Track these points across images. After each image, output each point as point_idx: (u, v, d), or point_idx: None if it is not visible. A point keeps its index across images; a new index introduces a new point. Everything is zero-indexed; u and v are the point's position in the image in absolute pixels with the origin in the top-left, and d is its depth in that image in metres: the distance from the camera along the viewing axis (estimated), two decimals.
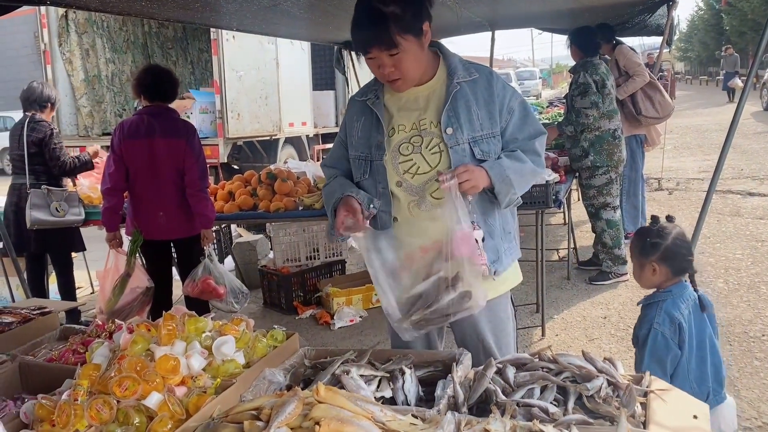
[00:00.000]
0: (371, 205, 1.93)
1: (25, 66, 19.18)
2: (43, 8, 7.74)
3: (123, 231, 3.99)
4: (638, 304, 2.38)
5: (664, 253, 2.25)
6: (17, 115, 4.82)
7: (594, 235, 5.25)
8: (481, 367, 1.67)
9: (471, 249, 1.81)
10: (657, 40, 5.92)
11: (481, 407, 1.57)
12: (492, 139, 1.93)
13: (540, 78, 37.68)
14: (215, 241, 6.00)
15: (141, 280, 3.76)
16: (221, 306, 3.84)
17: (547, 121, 7.45)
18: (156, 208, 3.78)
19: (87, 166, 4.64)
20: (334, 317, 4.66)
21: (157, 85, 3.78)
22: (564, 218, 6.59)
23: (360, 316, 4.70)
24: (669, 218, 2.34)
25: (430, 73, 1.97)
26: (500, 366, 1.68)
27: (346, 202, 1.91)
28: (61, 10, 8.11)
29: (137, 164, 3.73)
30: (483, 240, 1.91)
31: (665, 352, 2.18)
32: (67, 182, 4.77)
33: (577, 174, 5.07)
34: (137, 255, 3.83)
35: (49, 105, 4.60)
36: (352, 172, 2.04)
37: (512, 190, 1.91)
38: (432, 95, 1.96)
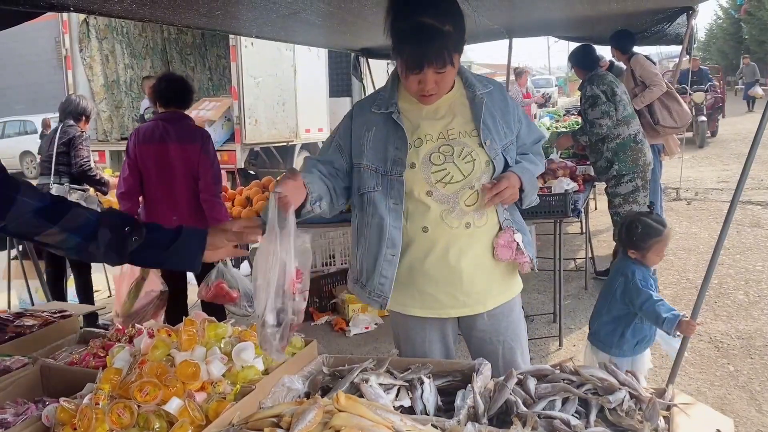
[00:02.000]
0: (317, 203, 1.88)
1: (46, 71, 19.48)
2: (65, 14, 7.86)
3: None
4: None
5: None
6: (37, 118, 4.99)
7: (614, 244, 5.20)
8: (502, 377, 1.66)
9: (512, 252, 1.97)
10: (675, 48, 5.87)
11: (502, 418, 1.57)
12: (512, 146, 2.03)
13: (556, 86, 37.49)
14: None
15: (155, 283, 3.78)
16: (235, 310, 3.87)
17: (564, 130, 7.41)
18: (170, 213, 3.80)
19: (102, 183, 4.68)
20: (350, 324, 4.66)
21: (171, 92, 3.83)
22: (581, 227, 6.55)
23: (375, 324, 4.70)
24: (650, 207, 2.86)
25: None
26: (521, 377, 1.67)
27: (294, 176, 1.79)
28: (82, 16, 8.23)
29: (151, 169, 3.77)
30: (522, 240, 2.00)
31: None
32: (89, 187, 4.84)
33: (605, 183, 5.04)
34: None
35: (84, 117, 4.72)
36: (357, 183, 1.99)
37: (535, 192, 2.06)
38: (454, 105, 1.99)
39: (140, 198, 3.91)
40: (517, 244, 1.97)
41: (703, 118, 13.55)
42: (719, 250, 2.48)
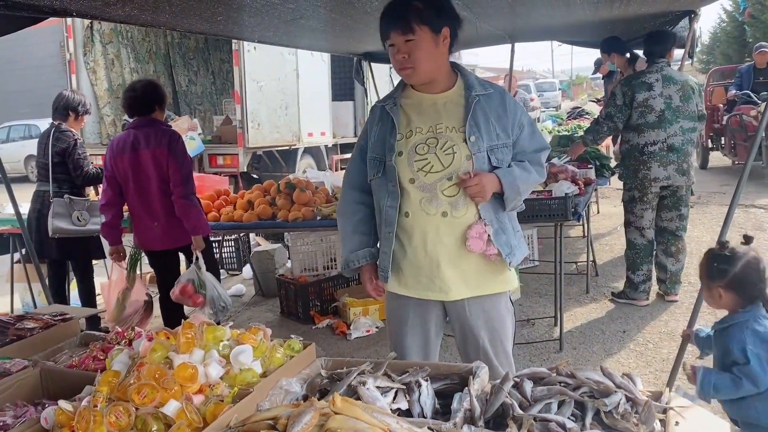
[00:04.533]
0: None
1: (51, 75, 19.55)
2: (69, 19, 7.90)
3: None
4: (712, 329, 2.33)
5: (731, 280, 2.16)
6: (42, 123, 4.91)
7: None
8: (498, 380, 1.67)
9: (484, 243, 2.09)
10: (677, 52, 5.86)
11: (498, 421, 1.57)
12: (505, 149, 2.15)
13: (560, 89, 37.49)
14: (232, 246, 6.08)
15: (140, 293, 3.79)
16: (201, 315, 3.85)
17: (566, 134, 7.42)
18: (150, 220, 3.82)
19: None
20: (351, 327, 4.66)
21: (136, 100, 3.84)
22: (583, 231, 6.54)
23: (376, 327, 4.70)
24: (746, 240, 2.22)
25: (449, 84, 2.18)
26: (517, 380, 1.68)
27: (370, 271, 2.28)
28: (87, 21, 8.27)
29: (128, 179, 3.79)
30: (493, 233, 2.12)
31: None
32: (89, 191, 4.84)
33: None
34: (137, 269, 3.87)
35: (72, 114, 4.63)
36: (369, 172, 2.21)
37: (519, 197, 2.16)
38: (449, 103, 2.16)
39: (124, 208, 3.93)
40: (488, 236, 2.10)
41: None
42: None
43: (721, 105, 10.93)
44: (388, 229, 2.15)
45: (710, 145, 11.35)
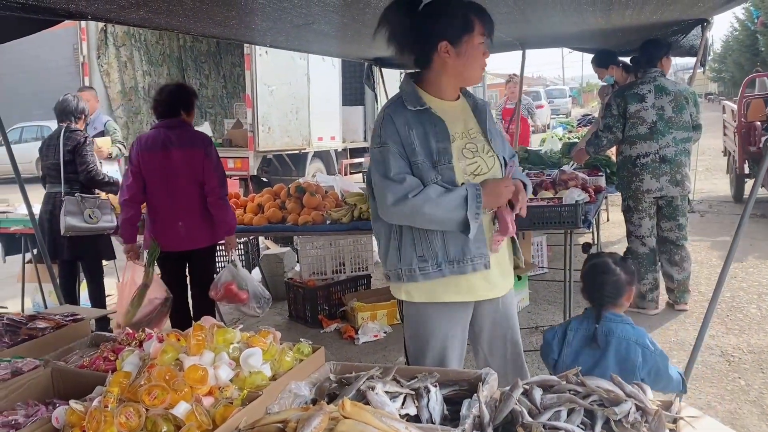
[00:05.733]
0: None
1: (63, 78, 19.68)
2: (83, 22, 7.96)
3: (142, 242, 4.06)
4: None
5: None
6: (54, 124, 4.94)
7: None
8: (508, 387, 1.67)
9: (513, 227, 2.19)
10: (689, 60, 5.84)
11: (507, 428, 1.57)
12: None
13: (570, 96, 37.42)
14: (241, 250, 6.09)
15: (159, 291, 3.79)
16: (245, 310, 3.94)
17: (577, 140, 7.40)
18: (174, 219, 3.84)
19: (111, 184, 4.72)
20: (359, 332, 4.66)
21: (168, 102, 3.89)
22: (593, 238, 6.52)
23: (384, 332, 4.70)
24: (584, 248, 2.46)
25: (457, 92, 2.25)
26: (527, 387, 1.67)
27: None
28: (101, 24, 8.34)
29: (155, 176, 3.81)
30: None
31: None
32: (100, 192, 4.88)
33: None
34: (154, 266, 3.89)
35: (83, 116, 4.76)
36: (418, 177, 2.10)
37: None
38: (465, 110, 2.25)
39: (143, 205, 3.95)
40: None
41: None
42: (729, 263, 2.47)
43: (759, 123, 8.60)
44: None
45: (746, 171, 8.69)
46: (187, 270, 4.11)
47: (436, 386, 1.75)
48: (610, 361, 2.19)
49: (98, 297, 4.80)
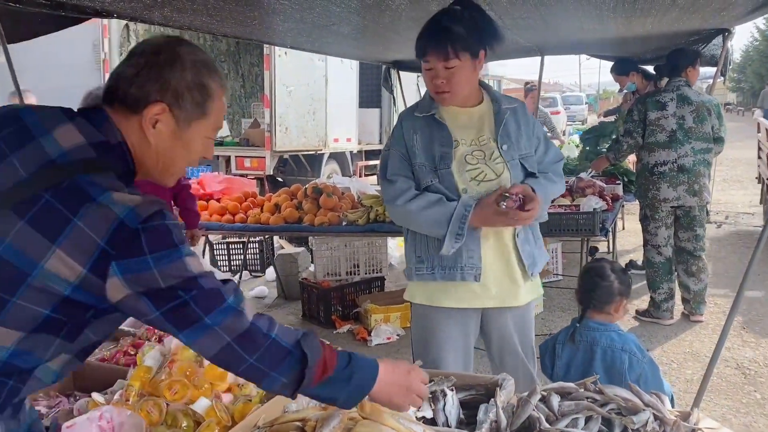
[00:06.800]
0: None
1: (83, 75, 19.83)
2: (105, 20, 8.05)
3: None
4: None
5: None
6: None
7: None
8: (525, 393, 1.67)
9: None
10: (709, 70, 5.80)
11: None
12: (531, 158, 2.23)
13: (586, 103, 37.21)
14: (256, 249, 6.13)
15: None
16: None
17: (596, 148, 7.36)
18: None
19: None
20: (372, 334, 4.67)
21: None
22: (608, 246, 6.49)
23: (397, 335, 4.70)
24: (591, 251, 2.48)
25: (478, 98, 2.24)
26: (544, 393, 1.67)
27: None
28: (123, 22, 8.42)
29: None
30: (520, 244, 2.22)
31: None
32: None
33: None
34: None
35: None
36: (418, 180, 2.18)
37: (545, 209, 2.24)
38: (484, 116, 2.22)
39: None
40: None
41: None
42: (748, 275, 2.46)
43: None
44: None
45: None
46: None
47: (452, 390, 1.76)
48: (597, 371, 2.18)
49: None
